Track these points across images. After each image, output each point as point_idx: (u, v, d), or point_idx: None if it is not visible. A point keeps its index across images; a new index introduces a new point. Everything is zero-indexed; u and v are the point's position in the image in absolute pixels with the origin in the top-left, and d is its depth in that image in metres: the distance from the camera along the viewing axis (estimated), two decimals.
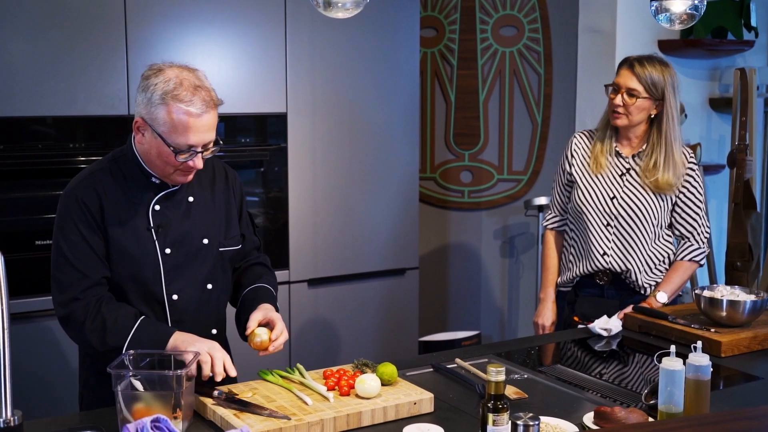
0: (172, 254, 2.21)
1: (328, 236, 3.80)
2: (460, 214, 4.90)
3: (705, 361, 1.92)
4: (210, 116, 2.11)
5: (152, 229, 2.19)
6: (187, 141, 2.08)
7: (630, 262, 2.92)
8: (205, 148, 2.13)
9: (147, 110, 2.09)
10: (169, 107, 2.05)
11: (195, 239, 2.25)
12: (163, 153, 2.10)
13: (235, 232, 2.37)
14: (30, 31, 3.08)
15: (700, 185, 2.95)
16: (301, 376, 2.15)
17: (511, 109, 4.76)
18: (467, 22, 4.75)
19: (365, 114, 3.85)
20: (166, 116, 2.06)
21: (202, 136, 2.10)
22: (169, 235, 2.21)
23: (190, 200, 2.27)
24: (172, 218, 2.22)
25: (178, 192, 2.24)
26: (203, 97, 2.09)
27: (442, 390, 2.19)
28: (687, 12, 2.22)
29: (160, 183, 2.21)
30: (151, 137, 2.11)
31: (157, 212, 2.20)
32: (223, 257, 2.32)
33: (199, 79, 2.13)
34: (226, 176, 2.39)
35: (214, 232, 2.30)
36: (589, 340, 2.72)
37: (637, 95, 2.85)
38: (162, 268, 2.20)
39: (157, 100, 2.06)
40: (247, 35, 3.51)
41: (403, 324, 4.08)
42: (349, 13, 2.02)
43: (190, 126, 2.06)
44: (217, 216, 2.32)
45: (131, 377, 1.91)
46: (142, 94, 2.10)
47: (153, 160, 2.15)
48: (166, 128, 2.07)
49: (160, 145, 2.09)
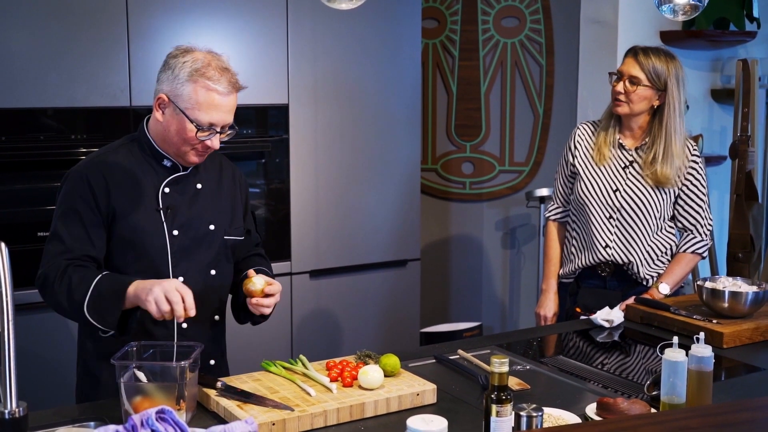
0: (179, 236, 2.24)
1: (330, 228, 3.80)
2: (461, 206, 4.90)
3: (707, 353, 1.92)
4: (233, 98, 2.19)
5: (161, 210, 2.23)
6: (209, 119, 2.14)
7: (632, 254, 2.93)
8: (223, 129, 2.19)
9: (171, 86, 2.15)
10: (197, 84, 2.12)
11: (202, 224, 2.29)
12: (183, 129, 2.15)
13: (239, 223, 2.41)
14: (32, 22, 3.08)
15: (703, 178, 2.95)
16: (304, 367, 2.15)
17: (513, 100, 4.76)
18: (469, 13, 4.74)
19: (367, 105, 3.84)
20: (192, 93, 2.12)
21: (223, 116, 2.16)
22: (177, 218, 2.25)
23: (198, 187, 2.31)
24: (181, 202, 2.27)
25: (187, 177, 2.29)
26: (229, 78, 2.17)
27: (444, 381, 2.19)
28: (690, 3, 2.21)
29: (171, 167, 2.26)
30: (171, 114, 2.17)
31: (166, 194, 2.25)
32: (227, 246, 2.35)
33: (225, 63, 2.21)
34: (233, 173, 2.45)
35: (220, 219, 2.34)
36: (591, 332, 2.73)
37: (638, 83, 2.85)
38: (169, 249, 2.23)
39: (184, 76, 2.13)
40: (248, 26, 3.51)
41: (405, 315, 4.08)
42: (353, 4, 2.01)
43: (215, 104, 2.13)
44: (223, 205, 2.37)
45: (135, 368, 1.92)
46: (168, 72, 2.16)
47: (170, 138, 2.20)
48: (190, 104, 2.13)
49: (181, 121, 2.15)
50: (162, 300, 2.00)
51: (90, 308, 2.06)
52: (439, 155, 4.88)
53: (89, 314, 2.07)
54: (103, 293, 2.07)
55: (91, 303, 2.06)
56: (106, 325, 2.08)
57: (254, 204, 3.65)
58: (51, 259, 2.14)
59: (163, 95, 2.17)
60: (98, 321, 2.07)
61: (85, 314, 2.07)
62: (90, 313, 2.07)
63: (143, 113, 3.29)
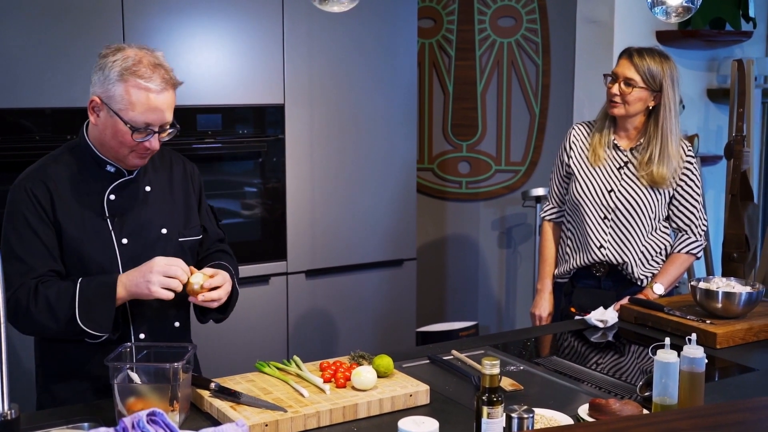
0: (129, 244, 2.16)
1: (326, 227, 3.81)
2: (457, 205, 4.91)
3: (699, 354, 1.93)
4: (169, 95, 2.07)
5: (108, 218, 2.14)
6: (144, 119, 2.04)
7: (626, 255, 2.93)
8: (162, 129, 2.09)
9: (103, 88, 2.05)
10: (128, 83, 2.02)
11: (153, 229, 2.21)
12: (118, 132, 2.06)
13: (195, 222, 2.32)
14: (29, 23, 3.08)
15: (698, 178, 2.95)
16: (297, 368, 2.16)
17: (509, 100, 4.76)
18: (465, 13, 4.74)
19: (363, 105, 3.85)
20: (123, 93, 2.02)
21: (160, 115, 2.06)
22: (126, 225, 2.16)
23: (147, 190, 2.22)
24: (129, 208, 2.17)
25: (135, 181, 2.20)
26: (162, 75, 2.06)
27: (438, 382, 2.20)
28: (683, 5, 2.22)
29: (116, 172, 2.17)
30: (106, 116, 2.06)
31: (112, 202, 2.16)
32: (183, 248, 2.26)
33: (158, 59, 2.09)
34: (184, 168, 2.35)
35: (173, 221, 2.25)
36: (586, 332, 2.73)
37: (634, 85, 2.85)
38: (119, 259, 2.15)
39: (114, 76, 2.03)
40: (244, 26, 3.51)
41: (401, 315, 4.09)
42: (344, 7, 2.02)
43: (149, 103, 2.03)
44: (176, 206, 2.28)
45: (128, 370, 1.92)
46: (99, 73, 2.06)
47: (107, 142, 2.10)
48: (123, 105, 2.03)
49: (116, 123, 2.05)
50: (168, 282, 2.00)
51: (84, 318, 2.02)
52: (436, 155, 4.89)
53: (84, 324, 2.02)
54: (91, 299, 2.02)
55: (82, 312, 2.01)
56: (102, 330, 2.03)
57: (250, 203, 3.66)
58: (16, 281, 2.04)
59: (96, 98, 2.07)
60: (93, 328, 2.03)
61: (79, 325, 2.01)
62: (84, 322, 2.02)
63: None
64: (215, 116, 3.50)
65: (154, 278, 2.00)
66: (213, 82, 3.46)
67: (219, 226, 2.47)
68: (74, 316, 2.01)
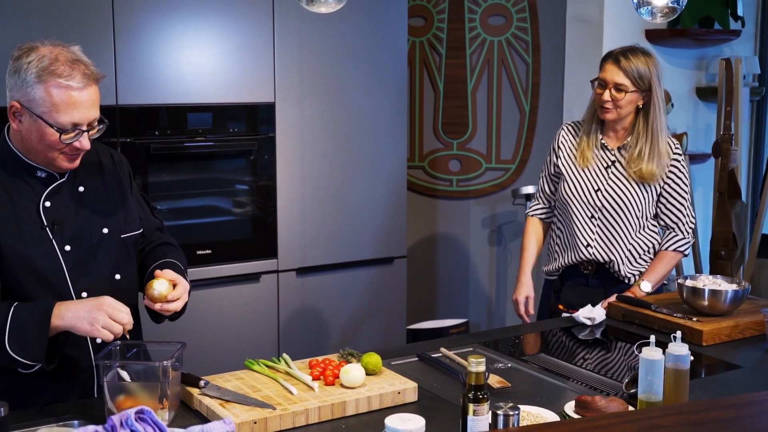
0: (72, 251, 2.07)
1: (317, 225, 3.82)
2: (448, 203, 4.93)
3: (684, 351, 1.95)
4: (92, 91, 1.98)
5: (47, 227, 2.04)
6: (71, 119, 1.95)
7: (613, 253, 2.95)
8: (90, 126, 2.00)
9: (22, 92, 1.94)
10: (47, 84, 1.92)
11: (94, 230, 2.12)
12: (45, 135, 1.96)
13: (133, 216, 2.24)
14: (13, 18, 3.08)
15: (686, 176, 2.97)
16: (286, 365, 2.17)
17: (499, 98, 4.78)
18: (456, 11, 4.75)
19: (353, 103, 3.86)
20: (44, 95, 1.93)
21: (86, 113, 1.97)
22: (66, 231, 2.07)
23: (81, 190, 2.13)
24: (66, 212, 2.08)
25: (67, 184, 2.10)
26: (83, 70, 1.96)
27: (426, 379, 2.21)
28: (669, 5, 2.23)
29: (47, 177, 2.07)
30: (29, 121, 1.96)
31: (48, 209, 2.05)
32: (126, 244, 2.18)
33: (76, 54, 2.00)
34: (112, 159, 2.24)
35: (113, 219, 2.16)
36: (574, 329, 2.75)
37: (625, 90, 2.85)
38: (65, 267, 2.05)
39: (32, 79, 1.92)
40: (235, 24, 3.52)
41: (392, 312, 4.10)
42: (331, 8, 2.03)
43: (72, 102, 1.94)
44: (113, 202, 2.19)
45: (118, 368, 1.93)
46: (14, 76, 1.96)
47: (34, 147, 2.00)
48: (46, 107, 1.93)
49: (41, 127, 1.95)
50: (112, 325, 1.91)
51: (13, 344, 1.90)
52: (426, 153, 4.90)
53: (12, 350, 1.90)
54: (23, 326, 1.91)
55: (12, 339, 1.90)
56: (32, 359, 1.91)
57: (241, 201, 3.67)
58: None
59: (15, 103, 1.96)
60: (23, 356, 1.91)
61: (8, 352, 1.90)
62: (13, 349, 1.90)
63: (130, 111, 3.31)
64: (206, 114, 3.51)
65: (100, 317, 1.90)
66: (203, 80, 3.47)
67: (154, 214, 2.39)
68: (3, 342, 1.90)
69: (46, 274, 2.03)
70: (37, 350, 1.91)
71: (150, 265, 2.23)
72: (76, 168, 2.10)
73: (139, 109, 3.35)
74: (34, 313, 1.93)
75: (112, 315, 1.92)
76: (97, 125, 2.03)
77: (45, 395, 2.07)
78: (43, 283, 2.03)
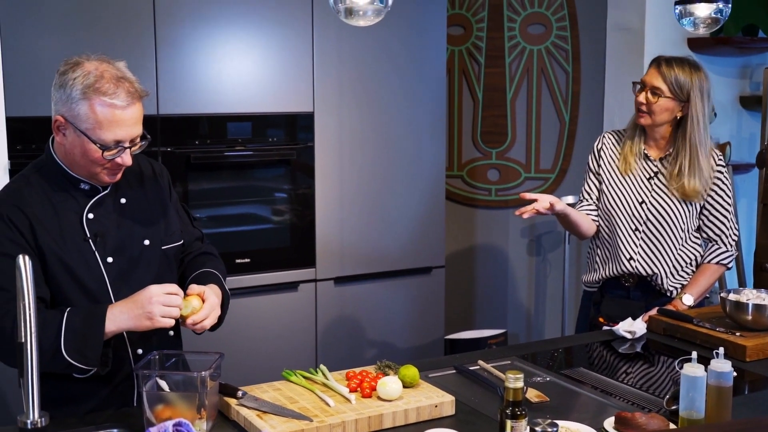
0: (114, 263, 2.09)
1: (355, 234, 3.82)
2: (487, 212, 4.90)
3: (727, 368, 1.91)
4: (136, 108, 2.00)
5: (89, 239, 2.07)
6: (113, 136, 1.97)
7: (657, 266, 2.91)
8: (132, 143, 2.02)
9: (67, 107, 1.97)
10: (92, 101, 1.94)
11: (135, 242, 2.14)
12: (88, 151, 1.98)
13: (174, 227, 2.25)
14: (59, 30, 3.13)
15: (729, 187, 2.93)
16: (324, 377, 2.17)
17: (539, 107, 4.75)
18: (495, 20, 4.74)
19: (392, 112, 3.86)
20: (88, 111, 1.95)
21: (129, 131, 1.99)
22: (108, 243, 2.09)
23: (123, 202, 2.15)
24: (108, 224, 2.10)
25: (109, 195, 2.12)
26: (127, 88, 1.98)
27: (464, 392, 2.20)
28: (711, 16, 2.20)
29: (90, 189, 2.09)
30: (73, 136, 1.99)
31: (91, 221, 2.08)
32: (167, 256, 2.21)
33: (121, 71, 2.01)
34: (153, 170, 2.26)
35: (154, 231, 2.18)
36: (614, 343, 2.72)
37: (660, 94, 2.83)
38: (107, 278, 2.08)
39: (77, 95, 1.95)
40: (274, 35, 3.54)
41: (430, 322, 4.09)
42: (370, 21, 2.03)
43: (115, 120, 1.96)
44: (154, 213, 2.20)
45: (157, 378, 1.94)
46: (60, 91, 1.98)
47: (77, 161, 2.03)
48: (90, 124, 1.95)
49: (84, 143, 1.98)
50: (169, 310, 1.95)
51: (69, 349, 1.92)
52: (465, 162, 4.89)
53: (70, 355, 1.92)
54: (78, 330, 1.93)
55: (68, 343, 1.92)
56: (88, 363, 1.94)
57: (280, 209, 3.68)
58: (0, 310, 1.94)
59: (60, 117, 1.99)
60: (80, 361, 1.93)
61: (64, 357, 1.91)
62: (71, 354, 1.92)
63: (171, 121, 3.34)
64: (245, 124, 3.53)
65: (155, 309, 1.94)
66: (243, 90, 3.50)
67: (194, 224, 2.40)
68: (60, 348, 1.92)
69: (88, 286, 2.05)
70: (94, 354, 1.94)
71: (189, 276, 2.25)
72: (119, 180, 2.12)
73: (180, 118, 3.38)
74: (87, 317, 1.95)
75: (164, 302, 1.95)
76: (139, 141, 2.05)
77: (87, 403, 2.09)
78: (86, 293, 2.05)
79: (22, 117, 3.08)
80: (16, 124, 3.07)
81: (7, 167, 3.02)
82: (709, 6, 2.20)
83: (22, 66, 3.07)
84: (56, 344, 1.91)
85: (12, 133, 3.06)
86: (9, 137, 3.04)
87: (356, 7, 2.07)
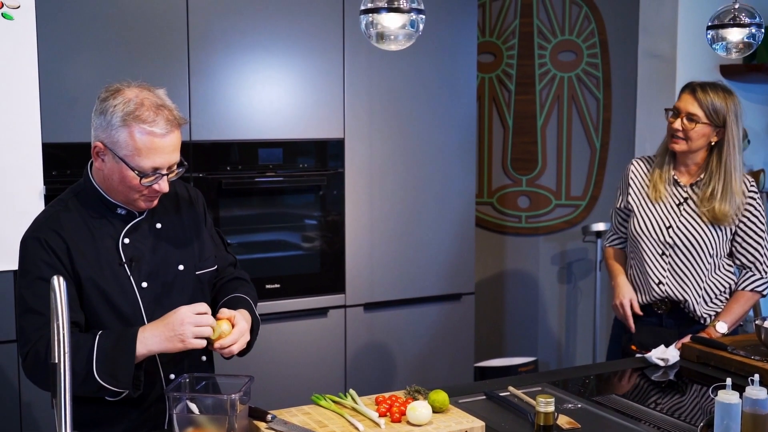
0: (149, 287, 2.11)
1: (385, 260, 3.83)
2: (517, 239, 4.88)
3: (763, 395, 1.88)
4: (174, 136, 2.02)
5: (125, 264, 2.09)
6: (152, 163, 1.99)
7: (687, 292, 2.88)
8: (170, 170, 2.04)
9: (107, 134, 1.99)
10: (131, 129, 1.97)
11: (170, 267, 2.15)
12: (126, 178, 2.01)
13: (209, 252, 2.27)
14: (95, 58, 3.18)
15: (762, 214, 2.90)
16: (353, 401, 2.16)
17: (570, 134, 4.74)
18: (525, 48, 4.75)
19: (422, 139, 3.87)
20: (128, 139, 1.97)
21: (167, 158, 2.01)
22: (143, 268, 2.11)
23: (158, 227, 2.17)
24: (144, 249, 2.12)
25: (145, 220, 2.15)
26: (166, 116, 2.00)
27: (494, 418, 2.18)
28: (744, 41, 2.19)
29: (127, 214, 2.12)
30: (112, 162, 2.02)
31: (127, 246, 2.10)
32: (201, 281, 2.22)
33: (161, 98, 2.04)
34: (188, 194, 2.29)
35: (188, 256, 2.20)
36: (646, 370, 2.68)
37: (697, 120, 2.82)
38: (141, 303, 2.10)
39: (117, 122, 1.97)
40: (306, 62, 3.57)
41: (459, 349, 4.07)
42: (401, 46, 2.04)
43: (154, 147, 1.98)
44: (188, 239, 2.22)
45: (187, 400, 1.95)
46: (100, 117, 2.01)
47: (115, 187, 2.05)
48: (128, 151, 1.98)
49: (122, 169, 2.00)
50: (201, 331, 1.97)
51: (101, 372, 1.93)
52: (495, 189, 4.88)
53: (102, 378, 1.93)
54: (109, 353, 1.94)
55: (100, 366, 1.93)
56: (120, 386, 1.95)
57: (310, 236, 3.70)
58: (33, 334, 1.96)
59: (99, 143, 2.01)
60: (111, 383, 1.94)
61: (96, 379, 1.92)
62: (102, 377, 1.93)
63: (203, 147, 3.38)
64: (276, 150, 3.56)
65: (186, 330, 1.96)
66: (274, 116, 3.53)
67: (227, 249, 2.41)
68: (91, 371, 1.93)
69: (123, 310, 2.07)
70: (126, 377, 1.94)
71: (220, 300, 2.25)
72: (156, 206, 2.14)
73: (212, 144, 3.42)
74: (119, 339, 1.96)
75: (195, 322, 1.97)
76: (177, 168, 2.07)
77: (118, 426, 2.10)
78: (121, 318, 2.07)
79: (59, 143, 3.13)
80: (52, 150, 3.12)
81: (43, 192, 3.06)
82: (741, 31, 2.20)
83: (59, 93, 3.13)
84: (88, 367, 1.92)
85: (48, 159, 3.11)
86: (45, 163, 3.09)
87: (388, 32, 2.09)
